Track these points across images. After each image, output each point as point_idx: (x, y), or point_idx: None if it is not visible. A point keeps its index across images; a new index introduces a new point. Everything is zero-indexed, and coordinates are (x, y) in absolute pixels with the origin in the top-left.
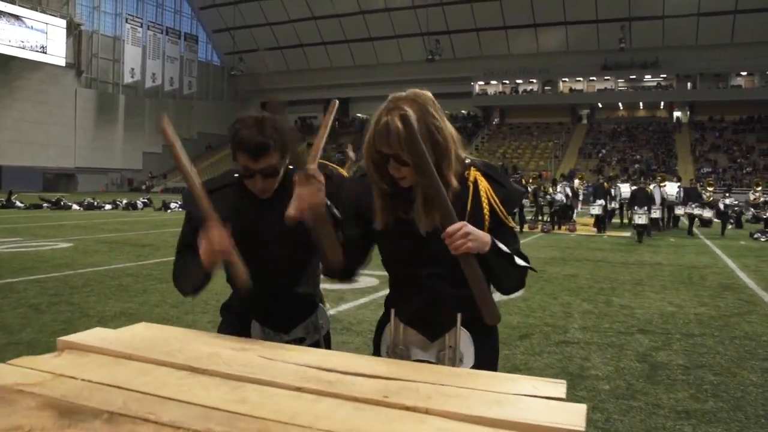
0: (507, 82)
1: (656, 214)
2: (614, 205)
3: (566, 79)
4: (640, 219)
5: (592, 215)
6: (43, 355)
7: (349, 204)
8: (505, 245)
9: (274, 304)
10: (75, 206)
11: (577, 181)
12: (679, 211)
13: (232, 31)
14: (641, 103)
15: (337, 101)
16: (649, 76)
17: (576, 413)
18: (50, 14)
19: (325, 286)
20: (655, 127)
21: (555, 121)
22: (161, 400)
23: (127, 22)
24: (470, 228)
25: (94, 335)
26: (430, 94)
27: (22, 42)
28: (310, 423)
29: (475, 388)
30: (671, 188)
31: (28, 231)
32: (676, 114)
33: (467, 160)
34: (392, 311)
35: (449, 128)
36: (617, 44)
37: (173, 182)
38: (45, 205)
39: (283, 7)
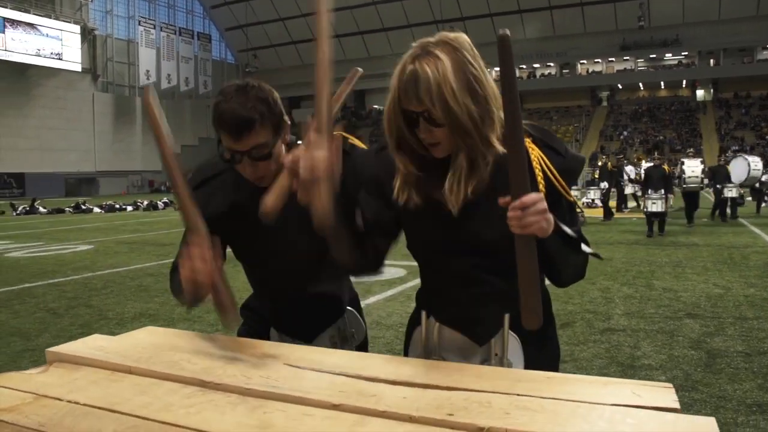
0: (524, 66)
1: (732, 192)
2: (627, 188)
3: (584, 61)
4: (654, 205)
5: (593, 200)
6: (28, 371)
7: (367, 182)
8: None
9: (290, 308)
10: (96, 209)
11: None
12: (730, 192)
13: (245, 28)
14: (662, 83)
15: (361, 70)
16: (670, 55)
17: (707, 430)
18: (64, 21)
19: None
20: (677, 107)
21: (574, 104)
22: (162, 428)
23: (140, 24)
24: (545, 204)
25: (90, 344)
26: (466, 37)
27: (38, 50)
28: None
29: (562, 398)
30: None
31: (49, 235)
32: (700, 92)
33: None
34: (423, 312)
35: (491, 82)
36: (636, 23)
37: None
38: (67, 209)
39: (294, 2)
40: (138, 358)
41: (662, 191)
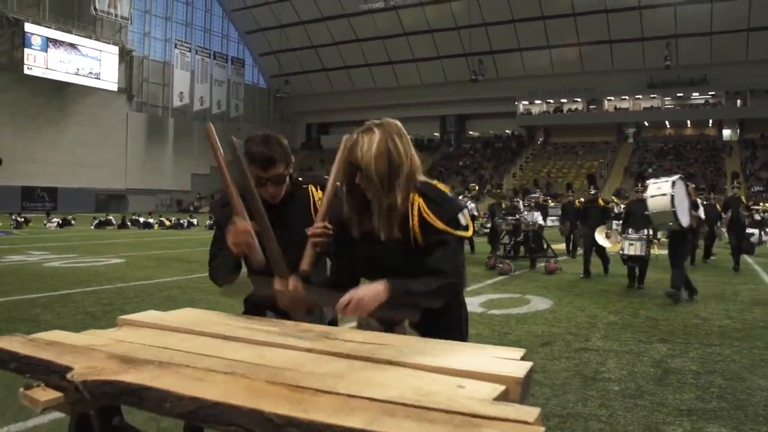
0: (551, 101)
1: None
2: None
3: (611, 98)
4: (632, 247)
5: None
6: (107, 329)
7: (336, 220)
8: (433, 252)
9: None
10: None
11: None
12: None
13: (278, 55)
14: (689, 121)
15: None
16: (697, 94)
17: (521, 367)
18: (104, 42)
19: None
20: (703, 146)
21: (600, 140)
22: (199, 356)
23: (176, 47)
24: (359, 293)
25: (147, 315)
26: (398, 123)
27: (78, 69)
28: (312, 370)
29: (448, 350)
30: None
31: (83, 248)
32: (726, 131)
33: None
34: None
35: (411, 153)
36: (663, 62)
37: None
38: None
39: (327, 30)
40: (181, 322)
41: (645, 231)
